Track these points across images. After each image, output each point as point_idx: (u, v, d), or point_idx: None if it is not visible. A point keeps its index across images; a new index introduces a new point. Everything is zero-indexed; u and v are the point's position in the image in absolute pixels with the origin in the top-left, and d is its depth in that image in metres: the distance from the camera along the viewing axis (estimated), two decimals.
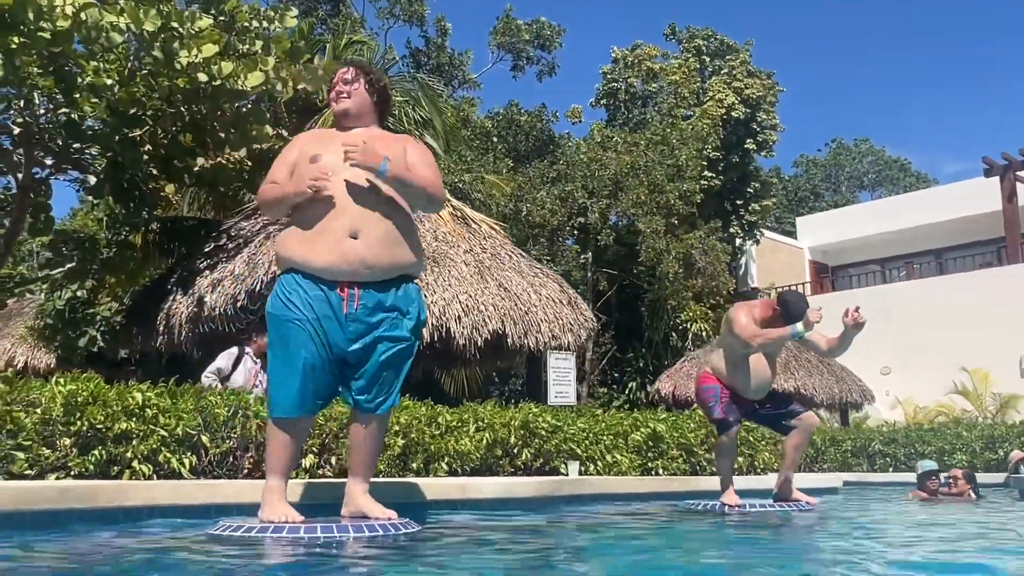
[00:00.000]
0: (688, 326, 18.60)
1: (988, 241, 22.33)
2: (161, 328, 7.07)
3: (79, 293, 8.43)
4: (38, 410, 4.08)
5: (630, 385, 19.07)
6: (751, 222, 20.29)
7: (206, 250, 7.43)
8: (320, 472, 4.99)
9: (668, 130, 15.98)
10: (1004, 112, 62.19)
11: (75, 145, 7.31)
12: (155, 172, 7.48)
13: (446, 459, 5.52)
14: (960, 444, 10.80)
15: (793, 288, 22.90)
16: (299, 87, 6.58)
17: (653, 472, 6.90)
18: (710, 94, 19.66)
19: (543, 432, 6.10)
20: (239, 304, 6.57)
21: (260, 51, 7.38)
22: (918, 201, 24.80)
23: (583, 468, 6.26)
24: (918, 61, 63.51)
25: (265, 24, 7.86)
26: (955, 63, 61.95)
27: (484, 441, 5.69)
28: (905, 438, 11.42)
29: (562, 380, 9.56)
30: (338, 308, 3.16)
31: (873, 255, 25.27)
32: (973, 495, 7.94)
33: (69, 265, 8.32)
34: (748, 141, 19.90)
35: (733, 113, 19.35)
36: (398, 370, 3.30)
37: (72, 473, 4.12)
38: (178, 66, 6.17)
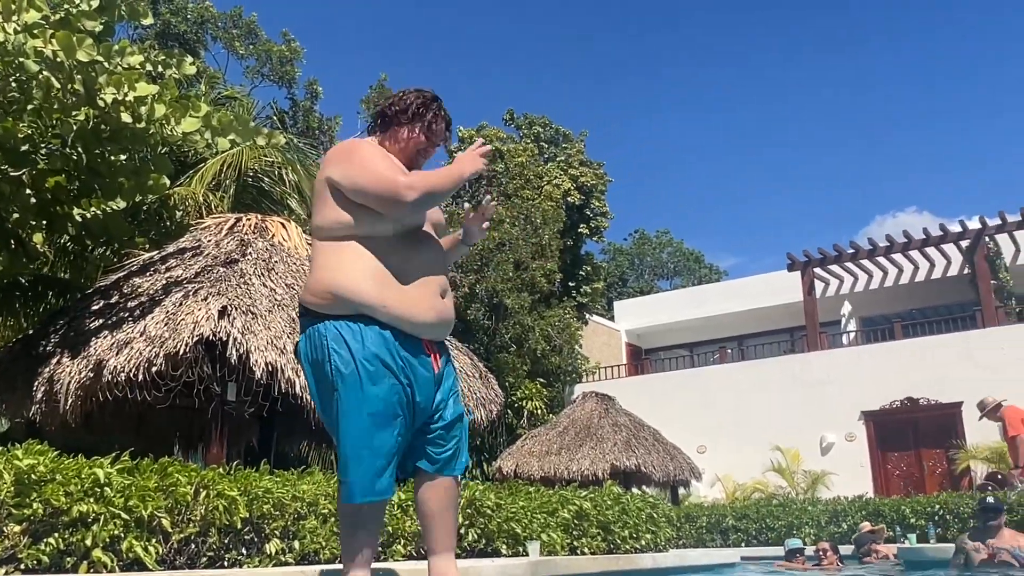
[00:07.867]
0: (524, 404, 18.74)
1: (785, 329, 24.46)
2: (38, 396, 6.09)
3: None
4: None
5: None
6: (582, 303, 20.99)
7: (93, 308, 6.55)
8: (283, 559, 4.49)
9: (531, 209, 16.36)
10: (788, 214, 68.91)
11: None
12: (31, 219, 6.60)
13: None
14: (807, 519, 11.48)
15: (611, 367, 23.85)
16: (228, 137, 6.07)
17: (578, 551, 6.79)
18: (547, 179, 20.37)
19: (488, 511, 5.85)
20: (155, 369, 5.79)
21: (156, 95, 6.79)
22: (724, 291, 26.83)
23: (524, 549, 6.02)
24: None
25: (160, 69, 7.28)
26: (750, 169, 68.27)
27: None
28: (756, 513, 11.99)
29: None
30: (430, 368, 2.90)
31: (681, 340, 26.86)
32: (840, 564, 8.76)
33: None
34: (581, 226, 20.74)
35: (569, 198, 20.13)
36: (466, 427, 3.09)
37: (22, 567, 3.45)
38: (101, 103, 5.53)
